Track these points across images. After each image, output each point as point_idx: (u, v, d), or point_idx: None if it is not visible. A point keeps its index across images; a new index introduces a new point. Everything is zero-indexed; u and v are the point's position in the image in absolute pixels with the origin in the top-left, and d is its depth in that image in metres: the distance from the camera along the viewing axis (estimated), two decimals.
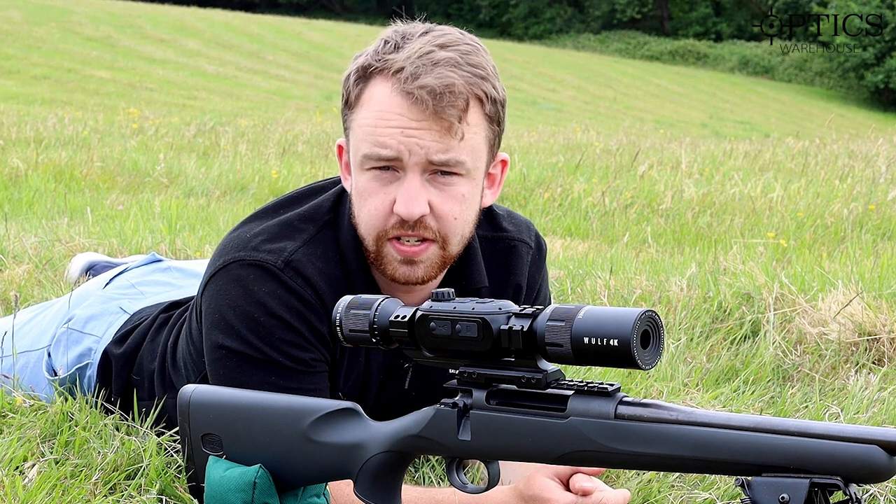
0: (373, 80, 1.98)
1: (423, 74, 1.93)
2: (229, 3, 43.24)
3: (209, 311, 2.07)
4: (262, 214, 2.15)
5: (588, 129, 15.55)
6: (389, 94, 1.95)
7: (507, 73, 31.24)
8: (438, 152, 1.95)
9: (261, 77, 25.69)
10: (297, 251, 2.05)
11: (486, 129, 2.01)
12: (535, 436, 1.63)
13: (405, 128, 1.95)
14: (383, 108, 1.96)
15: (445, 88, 1.93)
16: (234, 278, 2.04)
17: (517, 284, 2.24)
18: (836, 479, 1.44)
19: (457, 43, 1.99)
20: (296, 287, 2.02)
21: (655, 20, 47.00)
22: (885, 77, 36.75)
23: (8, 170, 7.20)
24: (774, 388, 3.01)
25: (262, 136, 11.23)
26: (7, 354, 2.58)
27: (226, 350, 2.03)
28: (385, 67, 1.97)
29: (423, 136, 1.94)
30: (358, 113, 2.00)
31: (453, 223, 2.01)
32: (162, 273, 2.87)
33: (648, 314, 1.53)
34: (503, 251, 2.23)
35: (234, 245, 2.08)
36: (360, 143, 1.99)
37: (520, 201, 6.74)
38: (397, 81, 1.95)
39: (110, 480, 2.10)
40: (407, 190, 1.96)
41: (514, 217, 2.30)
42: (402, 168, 1.97)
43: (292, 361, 2.02)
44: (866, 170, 8.18)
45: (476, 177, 2.03)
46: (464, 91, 1.95)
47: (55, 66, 22.73)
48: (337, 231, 2.09)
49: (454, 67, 1.95)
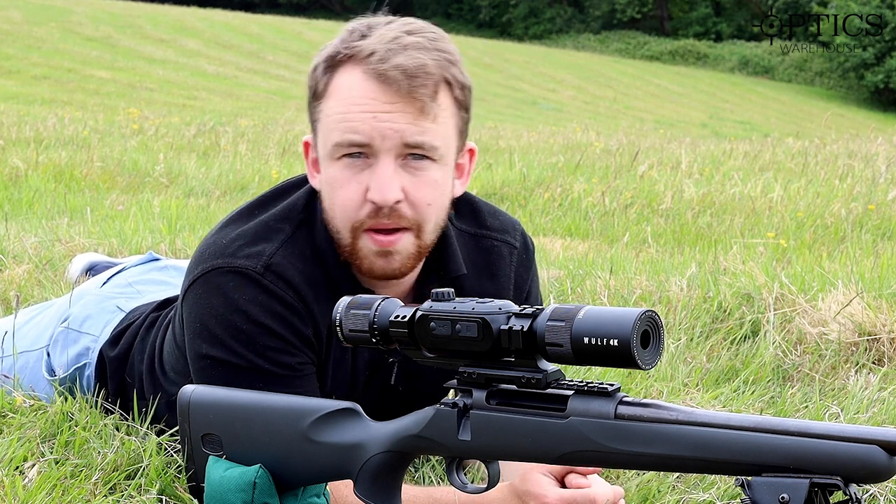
0: (341, 69, 1.98)
1: (395, 56, 1.93)
2: (229, 3, 43.22)
3: (191, 321, 2.05)
4: (236, 218, 2.13)
5: (588, 129, 15.55)
6: (360, 79, 1.95)
7: (507, 73, 31.26)
8: (414, 134, 1.94)
9: (261, 77, 25.68)
10: (276, 253, 2.03)
11: (456, 115, 2.01)
12: (535, 436, 1.63)
13: (378, 112, 1.94)
14: (354, 94, 1.95)
15: (419, 69, 1.93)
16: (214, 286, 2.01)
17: (503, 286, 2.21)
18: (836, 479, 1.45)
19: (423, 30, 2.00)
20: (277, 291, 2.00)
21: (655, 20, 47.00)
22: (885, 77, 36.73)
23: (8, 170, 7.20)
24: (774, 388, 3.01)
25: (262, 136, 11.23)
26: (7, 354, 2.58)
27: (210, 359, 2.01)
28: (353, 54, 1.96)
29: (397, 118, 1.94)
30: (326, 103, 1.99)
31: (427, 210, 2.00)
32: (159, 272, 2.86)
33: (648, 314, 1.53)
34: (485, 249, 2.21)
35: (211, 252, 2.05)
36: (331, 133, 1.98)
37: (520, 201, 6.74)
38: (368, 65, 1.94)
39: (110, 480, 2.10)
40: (380, 176, 1.95)
41: (498, 215, 2.27)
42: (374, 154, 1.95)
43: (278, 367, 2.00)
44: (866, 170, 8.18)
45: (448, 163, 2.02)
46: (435, 72, 1.95)
47: (55, 66, 22.73)
48: (312, 229, 2.08)
49: (423, 50, 1.95)
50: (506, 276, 2.22)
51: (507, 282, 2.22)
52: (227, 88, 23.04)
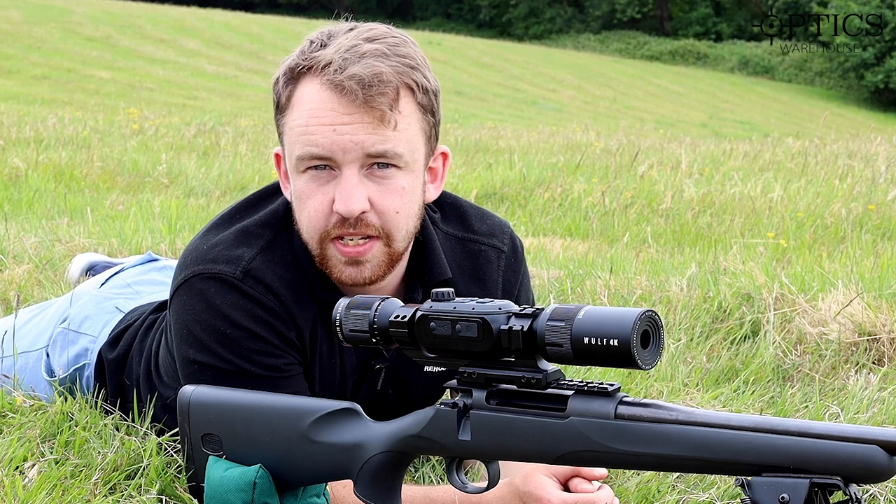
0: (301, 80, 1.97)
1: (350, 66, 1.92)
2: (229, 3, 43.22)
3: (177, 327, 2.06)
4: (218, 224, 2.13)
5: (588, 129, 15.55)
6: (318, 90, 1.94)
7: (507, 73, 31.26)
8: (375, 144, 1.93)
9: (261, 77, 25.68)
10: (255, 259, 2.03)
11: (421, 120, 1.99)
12: (534, 436, 1.63)
13: (337, 124, 1.93)
14: (313, 107, 1.95)
15: (374, 78, 1.92)
16: (197, 292, 2.02)
17: (490, 291, 2.20)
18: (836, 479, 1.45)
19: (383, 36, 1.98)
20: (256, 295, 2.01)
21: (655, 20, 46.99)
22: (884, 77, 36.74)
23: (8, 170, 7.20)
24: (774, 388, 3.01)
25: (262, 136, 11.23)
26: (7, 355, 2.58)
27: (197, 364, 2.02)
28: (312, 65, 1.96)
29: (356, 130, 1.93)
30: (289, 115, 1.99)
31: (395, 217, 1.99)
32: (158, 272, 2.86)
33: (648, 314, 1.53)
34: (472, 253, 2.20)
35: (192, 258, 2.06)
36: (294, 146, 1.98)
37: (520, 201, 6.74)
38: (325, 75, 1.93)
39: (110, 480, 2.10)
40: (345, 188, 1.95)
41: (486, 218, 2.26)
42: (338, 166, 1.95)
43: (264, 369, 2.01)
44: (866, 170, 8.18)
45: (415, 169, 2.01)
46: (393, 80, 1.94)
47: (55, 66, 22.73)
48: (292, 235, 2.08)
49: (382, 58, 1.94)
50: (493, 281, 2.21)
51: (495, 286, 2.21)
52: (227, 88, 23.05)
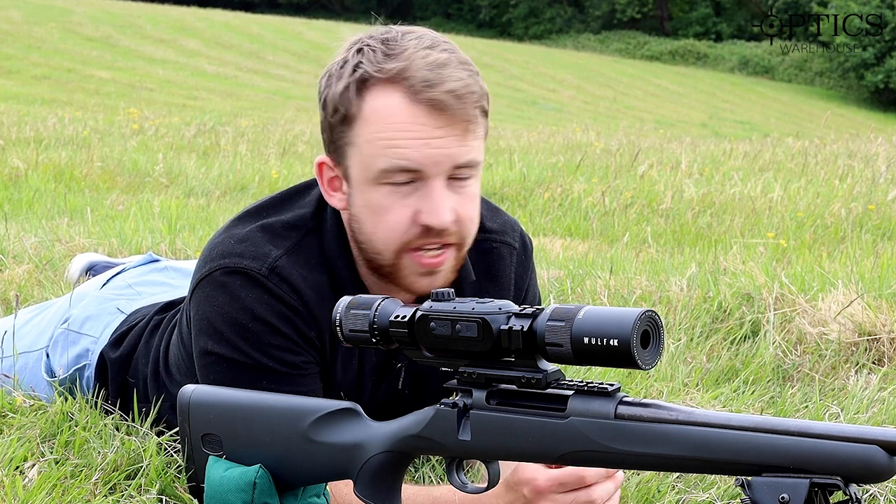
0: (375, 91, 1.93)
1: (437, 79, 1.91)
2: (229, 3, 43.22)
3: (197, 318, 2.06)
4: (244, 217, 2.13)
5: (588, 129, 15.55)
6: (406, 104, 1.91)
7: (507, 73, 31.25)
8: (463, 155, 1.94)
9: (261, 77, 25.69)
10: (281, 258, 2.03)
11: (484, 125, 2.01)
12: (534, 436, 1.63)
13: (429, 138, 1.91)
14: (399, 120, 1.91)
15: (465, 89, 1.92)
16: (220, 285, 2.02)
17: (504, 288, 2.21)
18: (836, 479, 1.44)
19: (439, 42, 1.96)
20: (280, 293, 2.01)
21: (655, 20, 46.99)
22: (884, 77, 36.74)
23: (8, 170, 7.20)
24: (774, 388, 3.01)
25: (262, 136, 11.24)
26: (7, 355, 2.58)
27: (215, 356, 2.02)
28: (387, 77, 1.92)
29: (448, 143, 1.92)
30: (362, 128, 1.94)
31: (471, 224, 2.01)
32: (159, 273, 2.86)
33: (648, 314, 1.53)
34: (485, 251, 2.21)
35: (218, 252, 2.06)
36: (375, 159, 1.94)
37: (520, 201, 6.74)
38: (409, 89, 1.91)
39: (110, 480, 2.10)
40: (434, 199, 1.94)
41: (498, 216, 2.27)
42: (423, 178, 1.94)
43: (282, 365, 2.01)
44: (866, 170, 8.18)
45: (480, 172, 2.03)
46: (477, 90, 1.95)
47: (55, 66, 22.73)
48: (321, 238, 2.07)
49: (459, 67, 1.94)
50: (506, 278, 2.22)
51: (508, 283, 2.23)
52: (227, 88, 23.05)
